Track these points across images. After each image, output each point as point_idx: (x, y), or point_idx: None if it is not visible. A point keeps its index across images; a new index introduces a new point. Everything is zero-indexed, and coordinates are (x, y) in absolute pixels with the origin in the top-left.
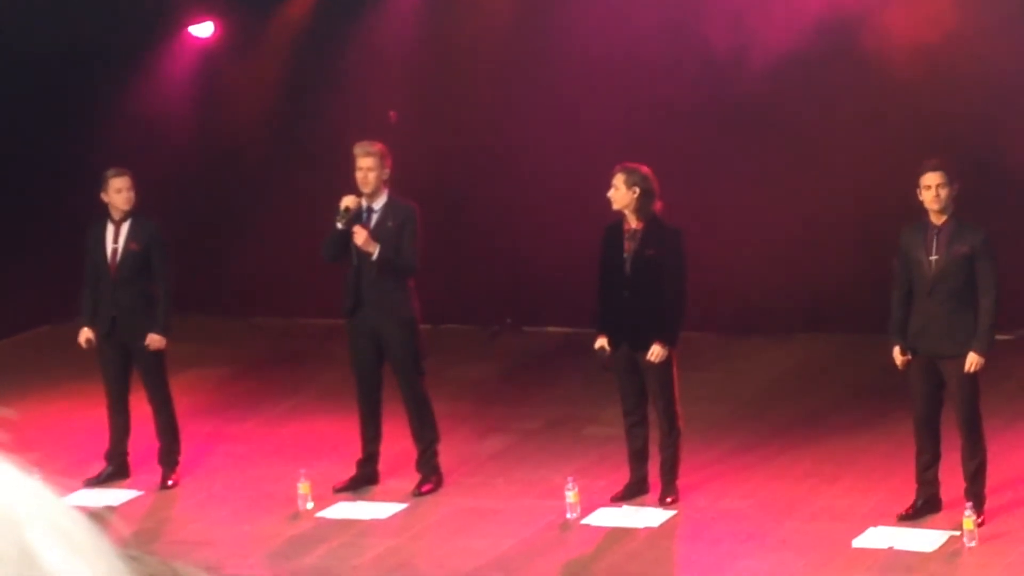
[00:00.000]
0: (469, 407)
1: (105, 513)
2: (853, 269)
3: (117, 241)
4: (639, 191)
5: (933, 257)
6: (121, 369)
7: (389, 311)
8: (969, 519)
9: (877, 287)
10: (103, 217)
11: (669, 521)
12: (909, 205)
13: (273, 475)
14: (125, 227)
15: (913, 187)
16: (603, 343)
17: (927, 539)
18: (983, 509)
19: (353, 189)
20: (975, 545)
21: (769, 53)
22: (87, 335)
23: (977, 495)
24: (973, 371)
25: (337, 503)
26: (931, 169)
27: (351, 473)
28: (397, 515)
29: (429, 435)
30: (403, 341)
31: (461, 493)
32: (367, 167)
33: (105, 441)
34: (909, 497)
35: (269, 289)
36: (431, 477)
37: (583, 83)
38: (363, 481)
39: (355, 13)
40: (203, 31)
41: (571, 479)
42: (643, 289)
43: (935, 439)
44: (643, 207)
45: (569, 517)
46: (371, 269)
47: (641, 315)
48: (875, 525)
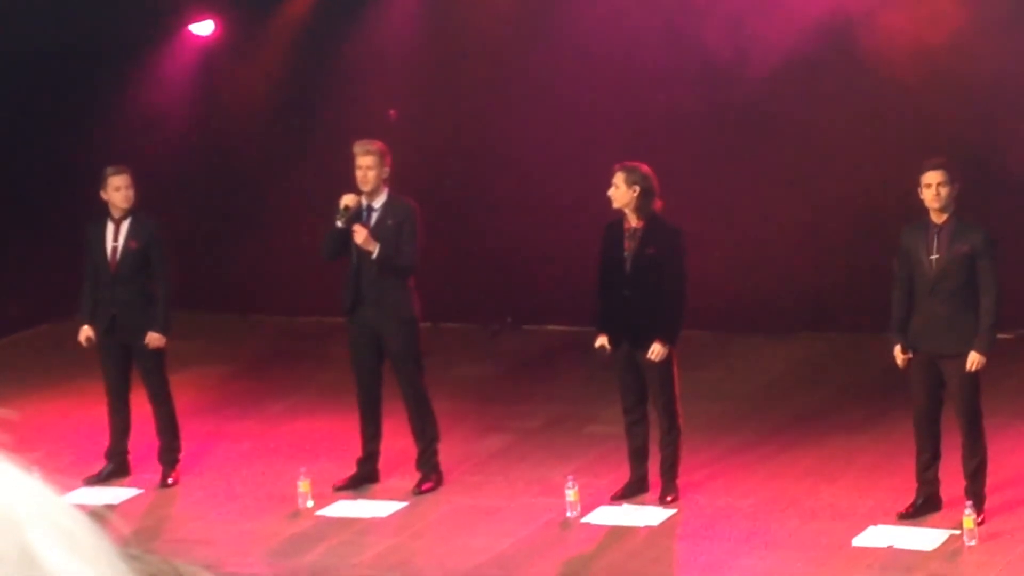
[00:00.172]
0: (469, 405)
1: (105, 512)
2: (853, 268)
3: (117, 239)
4: (639, 190)
5: (934, 256)
6: (121, 367)
7: (389, 310)
8: (969, 518)
9: (878, 287)
10: (103, 215)
11: (669, 520)
12: (909, 205)
13: (273, 473)
14: (125, 225)
15: (913, 187)
16: (603, 342)
17: (927, 538)
18: (983, 508)
19: (353, 187)
20: (975, 544)
21: (769, 53)
22: (87, 333)
23: (977, 494)
24: (974, 370)
25: (337, 501)
26: (932, 168)
27: (351, 471)
28: (397, 513)
29: (429, 433)
30: (403, 340)
31: (461, 491)
32: (367, 165)
33: (105, 439)
34: (909, 496)
35: (269, 287)
36: (431, 475)
37: (583, 83)
38: (363, 479)
39: (355, 12)
40: (203, 29)
41: (571, 477)
42: (643, 288)
43: (935, 438)
44: (643, 206)
45: (569, 515)
46: (371, 268)
47: (641, 314)
48: (875, 524)
